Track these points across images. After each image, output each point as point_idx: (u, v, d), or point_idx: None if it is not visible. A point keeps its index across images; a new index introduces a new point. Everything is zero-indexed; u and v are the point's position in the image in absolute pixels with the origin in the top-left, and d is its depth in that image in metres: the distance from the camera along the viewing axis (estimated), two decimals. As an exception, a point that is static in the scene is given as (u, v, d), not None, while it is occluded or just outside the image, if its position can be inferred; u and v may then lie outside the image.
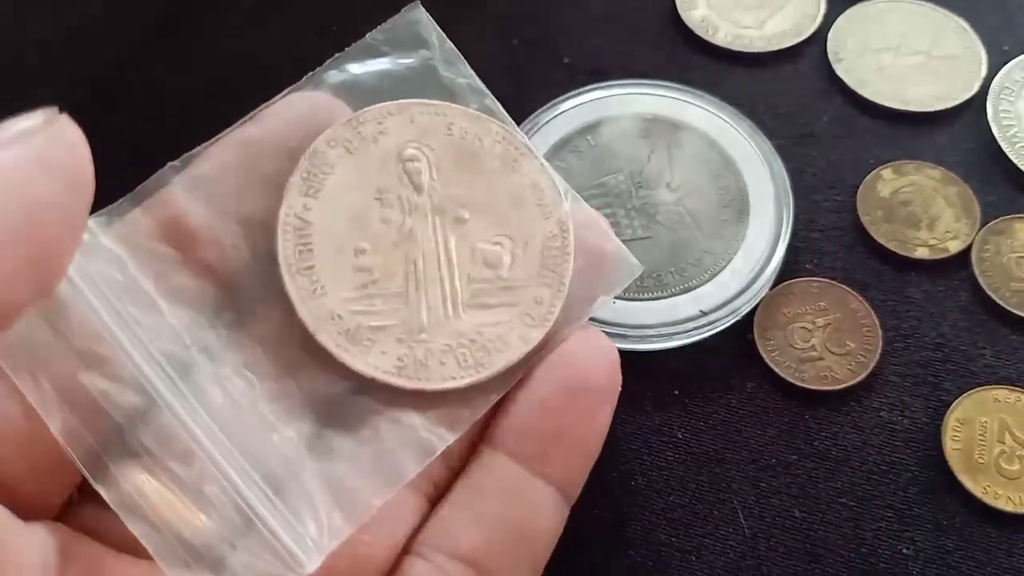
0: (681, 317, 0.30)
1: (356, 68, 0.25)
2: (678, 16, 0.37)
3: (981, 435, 0.28)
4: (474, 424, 0.23)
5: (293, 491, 0.21)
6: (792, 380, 0.29)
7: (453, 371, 0.23)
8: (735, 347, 0.30)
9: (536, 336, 0.23)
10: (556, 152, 0.33)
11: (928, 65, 0.35)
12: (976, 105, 0.34)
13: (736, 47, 0.36)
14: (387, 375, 0.22)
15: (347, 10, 0.38)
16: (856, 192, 0.33)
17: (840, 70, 0.35)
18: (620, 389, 0.24)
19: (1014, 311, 0.30)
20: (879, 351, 0.30)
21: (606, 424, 0.23)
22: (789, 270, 0.32)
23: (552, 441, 0.23)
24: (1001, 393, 0.29)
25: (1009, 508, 0.27)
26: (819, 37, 0.36)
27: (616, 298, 0.30)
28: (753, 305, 0.30)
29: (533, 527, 0.23)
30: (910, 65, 0.35)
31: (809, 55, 0.36)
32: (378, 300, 0.23)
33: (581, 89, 0.34)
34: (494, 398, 0.23)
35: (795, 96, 0.35)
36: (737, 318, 0.30)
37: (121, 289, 0.21)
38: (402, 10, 0.25)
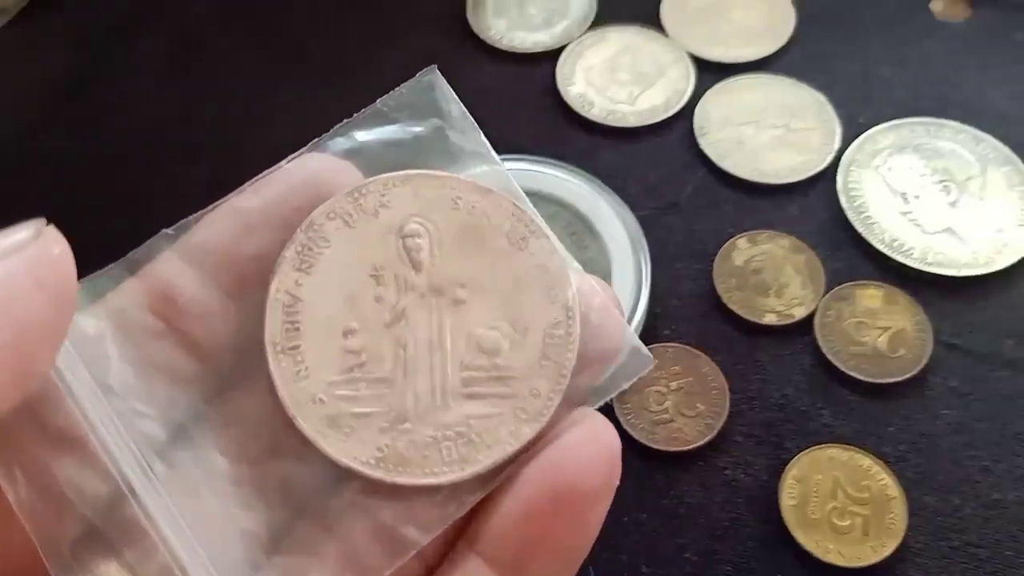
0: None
1: (363, 136, 0.24)
2: (558, 91, 0.40)
3: (815, 492, 0.30)
4: (454, 523, 0.21)
5: None
6: (645, 442, 0.32)
7: (436, 466, 0.21)
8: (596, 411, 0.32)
9: (528, 432, 0.21)
10: None
11: (786, 138, 0.38)
12: (829, 176, 0.37)
13: (610, 122, 0.39)
14: (365, 466, 0.21)
15: (257, 75, 0.40)
16: (713, 261, 0.35)
17: (704, 144, 0.38)
18: (617, 485, 0.21)
19: (852, 374, 0.32)
20: (727, 412, 0.32)
21: (597, 526, 0.21)
22: (649, 337, 0.34)
23: (533, 548, 0.21)
24: (835, 452, 0.31)
25: (840, 563, 0.29)
26: (687, 111, 0.39)
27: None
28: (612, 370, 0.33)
29: None
30: (769, 138, 0.38)
31: (677, 129, 0.39)
32: (363, 385, 0.21)
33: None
34: (477, 497, 0.21)
35: (663, 168, 0.38)
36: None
37: (102, 364, 0.21)
38: (417, 74, 0.24)
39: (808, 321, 0.34)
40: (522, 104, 0.40)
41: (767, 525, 0.30)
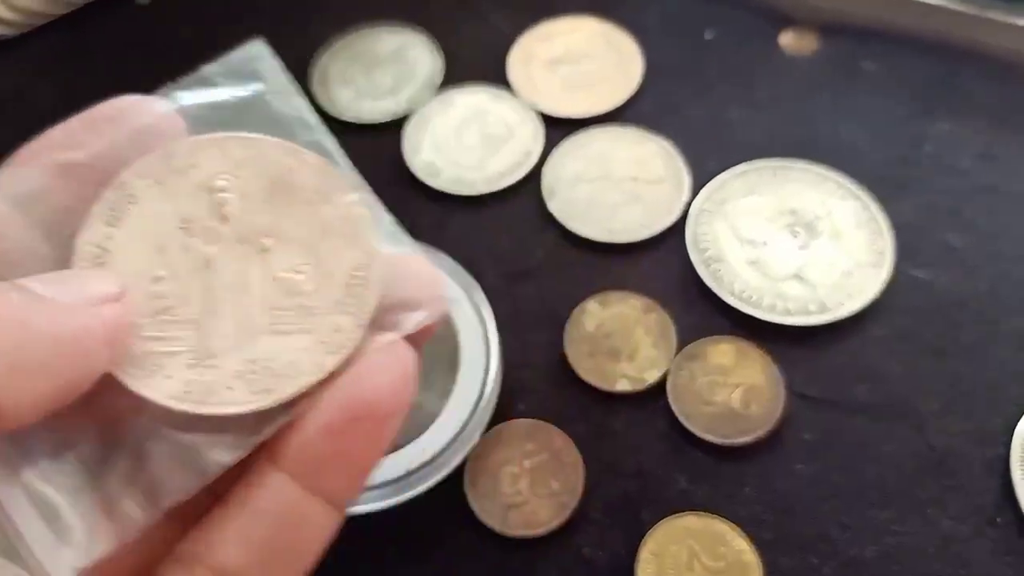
0: (392, 476, 0.31)
1: (186, 98, 0.25)
2: (404, 161, 0.39)
3: (672, 565, 0.30)
4: (259, 448, 0.23)
5: (64, 512, 0.21)
6: (499, 530, 0.31)
7: (242, 396, 0.22)
8: (450, 498, 0.32)
9: (331, 363, 0.23)
10: None
11: (636, 192, 0.37)
12: (679, 229, 0.36)
13: (458, 190, 0.38)
14: (172, 400, 0.22)
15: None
16: (565, 328, 0.34)
17: (553, 206, 0.37)
18: (411, 397, 0.24)
19: (705, 436, 0.32)
20: (582, 488, 0.31)
21: (389, 439, 0.24)
22: (502, 413, 0.33)
23: (331, 462, 0.23)
24: (691, 520, 0.31)
25: (699, 634, 0.29)
26: (536, 173, 0.38)
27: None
28: (464, 455, 0.32)
29: (302, 543, 0.23)
30: (619, 194, 0.37)
31: (527, 192, 0.38)
32: (171, 326, 0.23)
33: None
34: (281, 421, 0.22)
35: (513, 234, 0.37)
36: (449, 470, 0.32)
37: None
38: (244, 44, 0.25)
39: (661, 384, 0.33)
40: (369, 176, 0.39)
41: (626, 604, 0.30)
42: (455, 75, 0.42)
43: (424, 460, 0.32)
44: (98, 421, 0.23)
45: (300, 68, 0.42)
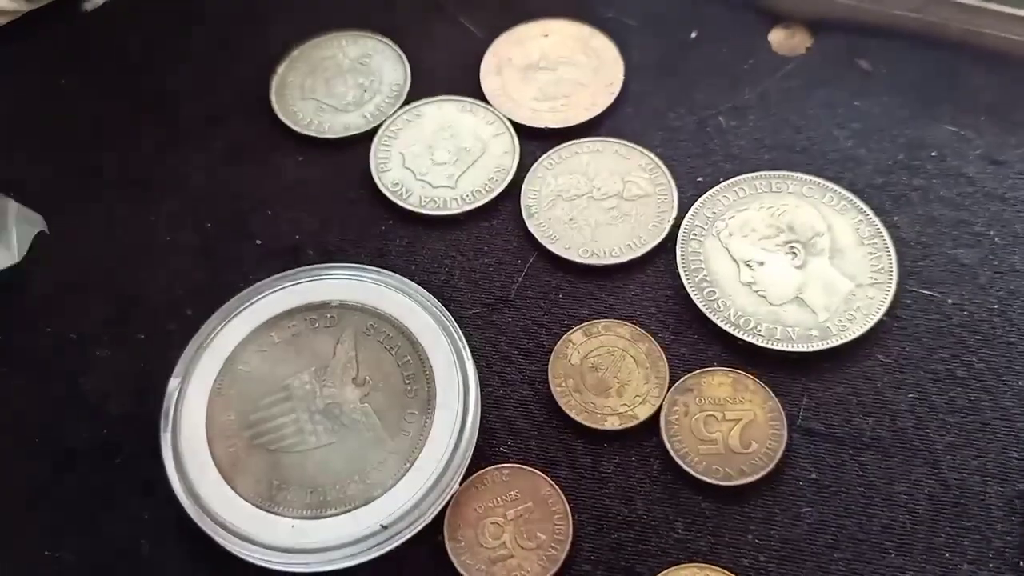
0: (365, 533, 0.29)
1: None
2: (373, 180, 0.36)
3: (671, 622, 0.27)
4: None
5: None
6: (481, 586, 0.28)
7: None
8: (430, 552, 0.29)
9: None
10: (239, 353, 0.32)
11: (620, 209, 0.35)
12: (669, 248, 0.34)
13: (430, 210, 0.35)
14: None
15: (46, 199, 0.36)
16: (549, 359, 0.32)
17: (532, 225, 0.35)
18: None
19: (703, 478, 0.29)
20: (570, 539, 0.29)
21: None
22: (483, 456, 0.31)
23: None
24: (691, 572, 0.28)
25: None
26: (513, 190, 0.36)
27: (296, 518, 0.29)
28: (442, 505, 0.29)
29: None
30: (602, 211, 0.35)
31: (504, 210, 0.36)
32: None
33: (262, 282, 0.33)
34: None
35: (491, 257, 0.35)
36: (426, 522, 0.29)
37: None
38: None
39: (654, 420, 0.31)
40: (334, 197, 0.37)
41: (621, 667, 0.27)
42: (423, 85, 0.39)
43: (400, 512, 0.29)
44: None
45: (257, 79, 0.39)
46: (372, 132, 0.37)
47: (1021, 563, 0.28)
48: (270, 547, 0.28)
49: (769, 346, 0.31)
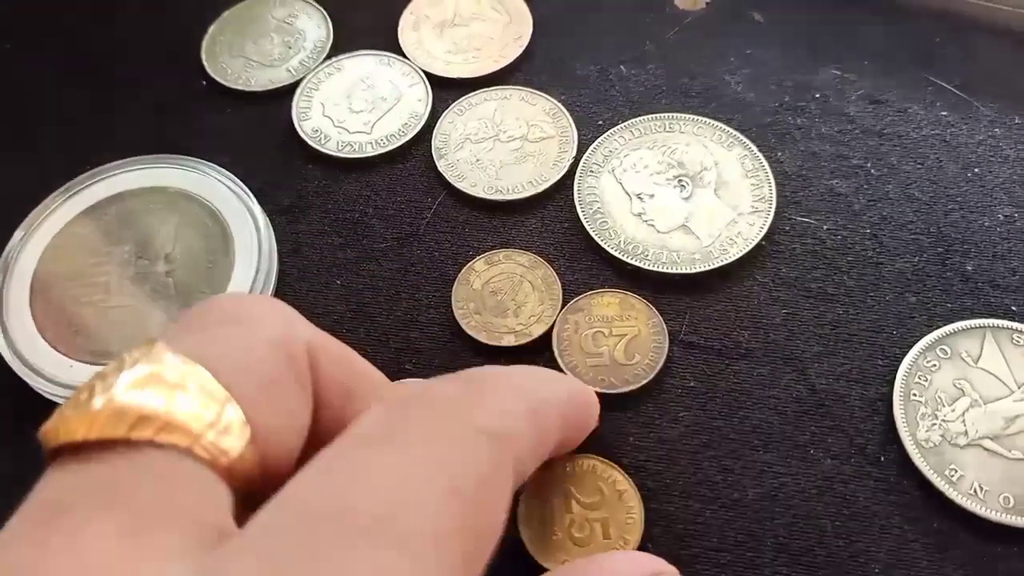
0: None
1: None
2: (295, 128, 0.39)
3: (550, 513, 0.30)
4: None
5: None
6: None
7: None
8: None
9: None
10: (84, 217, 0.36)
11: (524, 150, 0.37)
12: (568, 186, 0.36)
13: (346, 154, 0.37)
14: None
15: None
16: (453, 286, 0.34)
17: (442, 166, 0.37)
18: None
19: (591, 386, 0.32)
20: (467, 445, 0.31)
21: None
22: (391, 375, 0.33)
23: None
24: (589, 463, 0.30)
25: None
26: (426, 134, 0.38)
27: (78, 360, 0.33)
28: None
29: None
30: (507, 153, 0.37)
31: (416, 154, 0.38)
32: None
33: (120, 162, 0.37)
34: None
35: (403, 196, 0.37)
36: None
37: None
38: None
39: (547, 337, 0.33)
40: (260, 145, 0.39)
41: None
42: (345, 42, 0.41)
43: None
44: None
45: (189, 38, 0.42)
46: (295, 85, 0.40)
47: (882, 458, 0.30)
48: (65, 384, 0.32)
49: (655, 268, 0.34)
